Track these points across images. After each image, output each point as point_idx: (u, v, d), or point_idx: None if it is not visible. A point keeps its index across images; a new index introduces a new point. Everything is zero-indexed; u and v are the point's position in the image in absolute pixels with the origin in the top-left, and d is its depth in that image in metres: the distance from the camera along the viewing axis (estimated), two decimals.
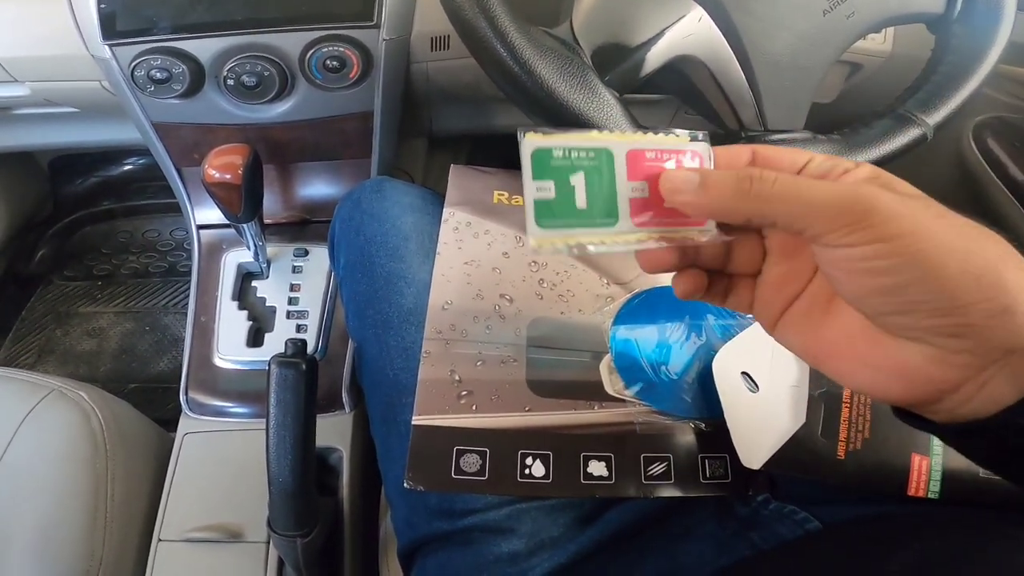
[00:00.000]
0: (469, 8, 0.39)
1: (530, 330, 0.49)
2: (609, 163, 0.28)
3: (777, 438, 0.39)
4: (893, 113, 0.48)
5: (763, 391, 0.42)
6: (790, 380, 0.41)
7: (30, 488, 0.55)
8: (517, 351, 0.47)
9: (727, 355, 0.45)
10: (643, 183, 0.28)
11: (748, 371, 0.43)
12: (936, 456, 0.40)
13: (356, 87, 0.64)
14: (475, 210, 0.55)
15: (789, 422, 0.40)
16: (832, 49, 0.45)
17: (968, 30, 0.48)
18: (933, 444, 0.40)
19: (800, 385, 0.41)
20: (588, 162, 0.28)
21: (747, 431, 0.41)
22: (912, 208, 0.23)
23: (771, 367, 0.42)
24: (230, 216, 0.63)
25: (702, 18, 0.42)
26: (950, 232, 0.22)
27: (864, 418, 0.41)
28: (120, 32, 0.58)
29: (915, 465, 0.39)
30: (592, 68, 0.41)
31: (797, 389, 0.41)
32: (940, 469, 0.39)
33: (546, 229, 0.27)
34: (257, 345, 0.71)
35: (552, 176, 0.27)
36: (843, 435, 0.40)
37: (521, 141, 0.27)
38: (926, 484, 0.39)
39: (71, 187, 1.22)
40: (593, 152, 0.28)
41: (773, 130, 0.45)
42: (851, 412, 0.41)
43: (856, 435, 0.40)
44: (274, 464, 0.48)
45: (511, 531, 0.44)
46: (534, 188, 0.27)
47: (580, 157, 0.28)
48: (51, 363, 1.09)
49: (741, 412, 0.42)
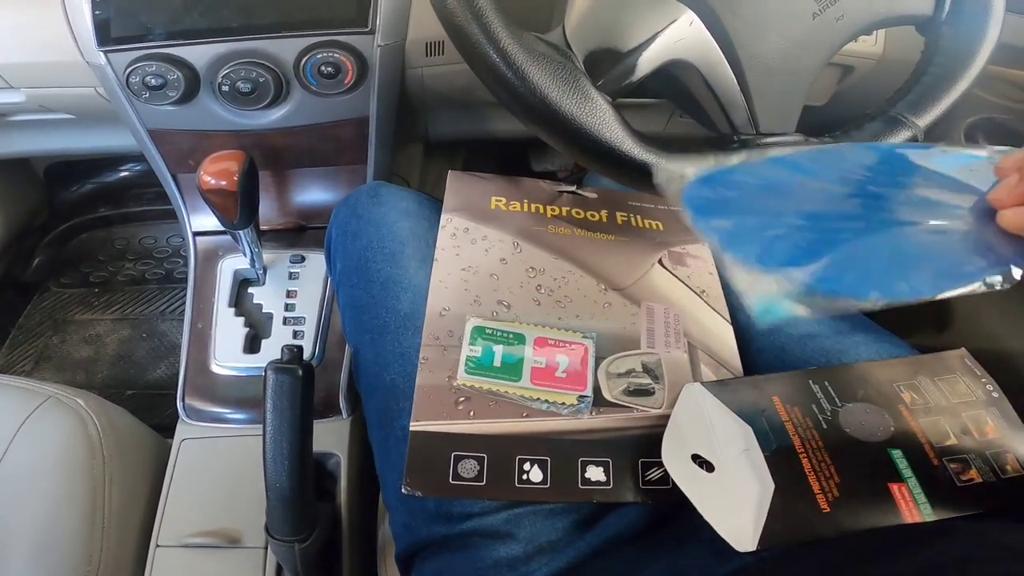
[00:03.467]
0: (461, 14, 0.39)
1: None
2: (521, 342, 0.47)
3: (756, 510, 0.38)
4: (883, 115, 0.48)
5: (719, 467, 0.40)
6: (739, 446, 0.40)
7: (27, 495, 0.55)
8: None
9: (670, 447, 0.43)
10: (543, 357, 0.47)
11: (697, 452, 0.41)
12: (910, 479, 0.39)
13: (351, 93, 0.65)
14: (472, 216, 0.55)
15: (759, 489, 0.38)
16: (822, 52, 0.46)
17: (957, 31, 0.48)
18: (900, 468, 0.39)
19: (751, 448, 0.40)
20: (507, 340, 0.47)
21: (723, 514, 0.39)
22: None
23: (716, 440, 0.41)
24: (226, 223, 0.63)
25: (693, 22, 0.42)
26: None
27: (826, 463, 0.40)
28: (115, 39, 0.58)
29: (896, 494, 0.39)
30: (585, 73, 0.41)
31: (749, 453, 0.40)
32: (921, 490, 0.39)
33: (470, 375, 0.45)
34: (254, 352, 0.71)
35: (481, 344, 0.47)
36: (816, 487, 0.39)
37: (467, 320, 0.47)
38: (916, 508, 0.38)
39: (67, 194, 1.22)
40: (512, 334, 0.48)
41: (765, 133, 0.45)
42: (811, 461, 0.40)
43: (828, 483, 0.39)
44: (271, 470, 0.48)
45: (510, 536, 0.44)
46: (468, 349, 0.47)
47: (502, 336, 0.47)
48: (48, 370, 1.09)
49: (708, 497, 0.40)
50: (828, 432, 0.42)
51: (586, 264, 0.54)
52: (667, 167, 0.41)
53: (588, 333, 0.49)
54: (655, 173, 0.42)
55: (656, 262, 0.55)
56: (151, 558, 0.62)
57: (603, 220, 0.58)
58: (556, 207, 0.58)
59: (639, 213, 0.59)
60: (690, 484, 0.41)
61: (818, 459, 0.40)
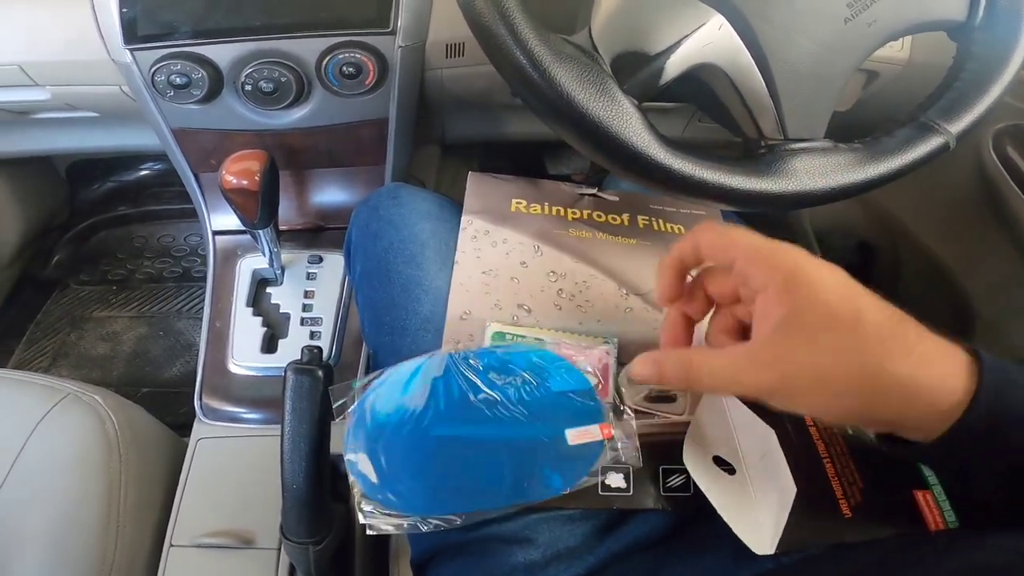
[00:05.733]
0: (489, 15, 0.39)
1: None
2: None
3: (776, 513, 0.38)
4: (915, 122, 0.47)
5: (740, 470, 0.40)
6: (762, 449, 0.40)
7: (44, 491, 0.55)
8: None
9: (692, 449, 0.43)
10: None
11: (719, 455, 0.41)
12: (935, 486, 0.38)
13: (372, 94, 0.65)
14: (493, 218, 0.55)
15: (781, 493, 0.38)
16: (853, 57, 0.45)
17: (990, 37, 0.47)
18: (926, 475, 0.39)
19: (773, 451, 0.40)
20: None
21: (743, 516, 0.39)
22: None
23: (738, 444, 0.41)
24: (246, 222, 0.63)
25: (722, 26, 0.41)
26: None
27: (849, 468, 0.39)
28: (141, 37, 0.59)
29: (921, 501, 0.38)
30: (611, 76, 0.41)
31: (772, 456, 0.40)
32: (946, 498, 0.38)
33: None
34: (271, 351, 0.71)
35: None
36: (839, 492, 0.39)
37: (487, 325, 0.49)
38: (941, 515, 0.38)
39: (88, 192, 1.24)
40: (532, 340, 0.48)
41: (793, 139, 0.45)
42: (835, 466, 0.39)
43: (851, 488, 0.39)
44: (288, 471, 0.48)
45: (528, 541, 0.43)
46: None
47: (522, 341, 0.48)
48: (65, 367, 1.10)
49: (729, 500, 0.39)
50: (853, 438, 0.41)
51: (607, 268, 0.53)
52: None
53: (609, 338, 0.49)
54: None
55: None
56: (165, 557, 0.62)
57: (624, 223, 0.57)
58: (577, 210, 0.58)
59: (661, 217, 0.59)
60: (711, 486, 0.40)
61: (842, 464, 0.40)
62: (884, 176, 0.46)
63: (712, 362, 0.34)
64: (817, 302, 0.31)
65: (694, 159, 0.42)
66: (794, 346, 0.31)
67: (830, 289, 0.31)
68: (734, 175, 0.42)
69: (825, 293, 0.31)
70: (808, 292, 0.31)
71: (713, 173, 0.42)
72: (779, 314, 0.32)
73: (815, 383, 0.31)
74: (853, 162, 0.45)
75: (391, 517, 0.41)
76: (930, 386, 0.30)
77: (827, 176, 0.44)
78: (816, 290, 0.31)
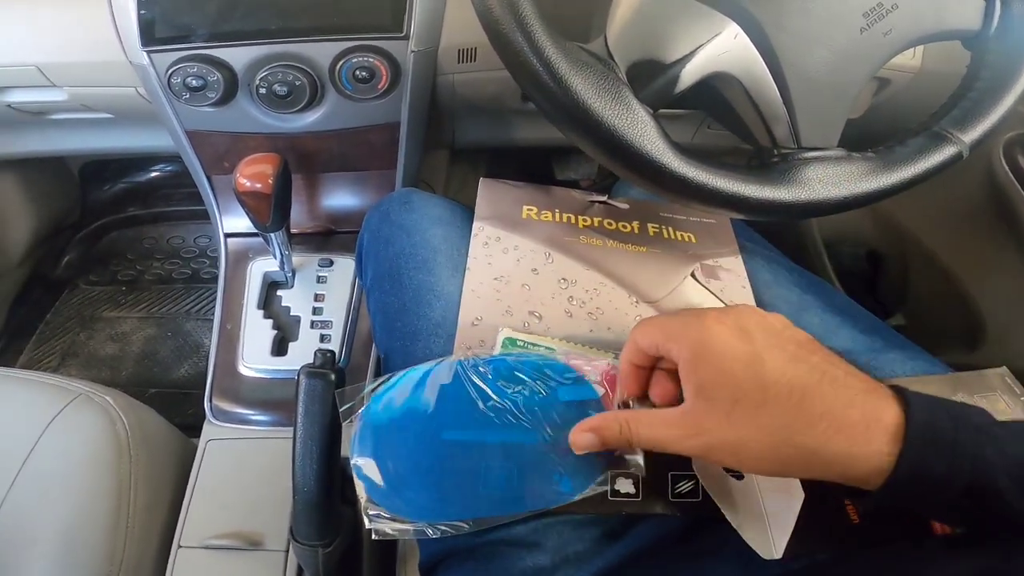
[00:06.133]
0: (506, 22, 0.39)
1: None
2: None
3: (784, 519, 0.37)
4: (928, 131, 0.47)
5: (748, 476, 0.40)
6: None
7: (54, 491, 0.55)
8: None
9: None
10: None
11: None
12: None
13: (384, 98, 0.65)
14: (504, 225, 0.55)
15: (788, 498, 0.38)
16: (868, 66, 0.45)
17: (1004, 47, 0.47)
18: None
19: None
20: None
21: (751, 522, 0.39)
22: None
23: None
24: (259, 225, 0.64)
25: (737, 35, 0.41)
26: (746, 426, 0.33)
27: None
28: (158, 39, 0.59)
29: None
30: (627, 84, 0.41)
31: None
32: None
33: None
34: (281, 354, 0.72)
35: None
36: (846, 498, 0.39)
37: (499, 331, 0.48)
38: None
39: (99, 193, 1.25)
40: (543, 348, 0.48)
41: (807, 147, 0.45)
42: None
43: (859, 494, 0.39)
44: (299, 474, 0.48)
45: (537, 545, 0.43)
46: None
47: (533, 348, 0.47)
48: (74, 367, 1.10)
49: (737, 505, 0.40)
50: None
51: (618, 276, 0.53)
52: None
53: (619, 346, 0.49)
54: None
55: (688, 275, 0.55)
56: (173, 558, 0.62)
57: (635, 231, 0.58)
58: (588, 217, 0.58)
59: (671, 225, 0.59)
60: (720, 492, 0.41)
61: None
62: (897, 185, 0.46)
63: (646, 428, 0.37)
64: (724, 374, 0.33)
65: (708, 168, 0.42)
66: (711, 417, 0.34)
67: (736, 359, 0.33)
68: (748, 184, 0.43)
69: (730, 363, 0.33)
70: (716, 363, 0.34)
71: (727, 182, 0.42)
72: (694, 383, 0.34)
73: (735, 451, 0.33)
74: (866, 171, 0.45)
75: (398, 522, 0.41)
76: (840, 454, 0.31)
77: (840, 185, 0.44)
78: (722, 361, 0.33)
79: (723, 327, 0.35)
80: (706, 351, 0.34)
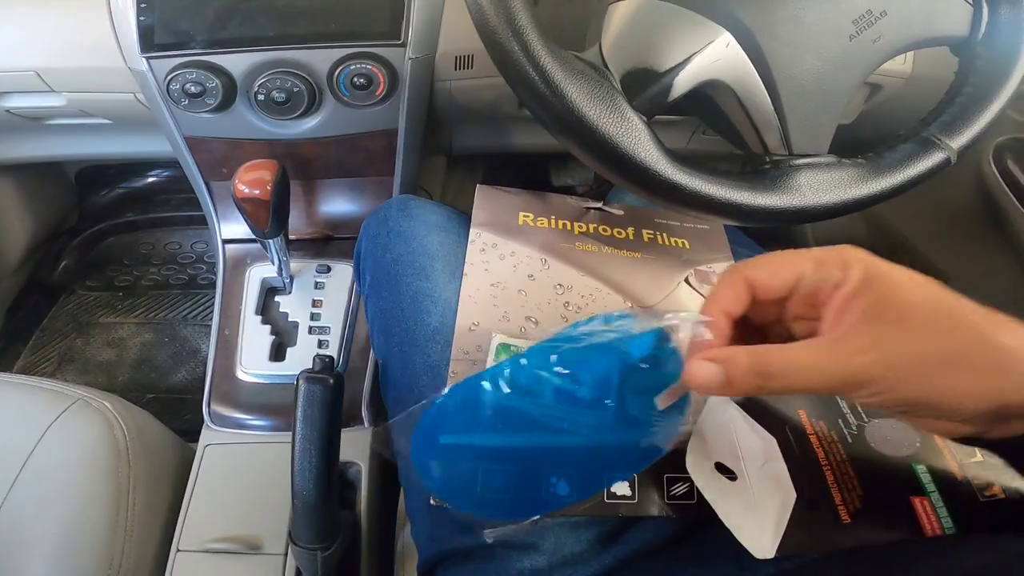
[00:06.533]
0: (502, 31, 0.39)
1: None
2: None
3: (777, 519, 0.38)
4: (916, 137, 0.48)
5: (742, 477, 0.41)
6: (763, 456, 0.41)
7: (52, 495, 0.55)
8: None
9: (695, 453, 0.43)
10: None
11: (720, 460, 0.42)
12: (933, 493, 0.39)
13: (382, 104, 0.65)
14: (500, 231, 0.56)
15: (781, 499, 0.39)
16: (858, 73, 0.46)
17: (992, 52, 0.48)
18: (924, 482, 0.39)
19: (774, 459, 0.40)
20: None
21: (744, 522, 0.39)
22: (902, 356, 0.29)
23: (740, 451, 0.42)
24: (257, 231, 0.64)
25: (729, 44, 0.42)
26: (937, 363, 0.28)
27: (849, 475, 0.40)
28: (158, 45, 0.60)
29: (918, 507, 0.39)
30: (621, 92, 0.41)
31: (772, 464, 0.40)
32: (943, 504, 0.39)
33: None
34: (279, 359, 0.72)
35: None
36: (838, 499, 0.39)
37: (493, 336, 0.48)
38: (938, 521, 0.38)
39: (96, 198, 1.25)
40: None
41: (798, 154, 0.45)
42: (835, 474, 0.40)
43: (851, 495, 0.39)
44: (298, 478, 0.48)
45: (534, 547, 0.44)
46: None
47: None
48: (70, 372, 1.11)
49: (730, 505, 0.40)
50: (853, 446, 0.42)
51: (613, 282, 0.54)
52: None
53: None
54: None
55: (683, 280, 0.55)
56: (172, 562, 0.62)
57: (629, 237, 0.58)
58: (583, 224, 0.58)
59: (665, 231, 0.60)
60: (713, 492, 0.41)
61: (841, 471, 0.40)
62: (887, 191, 0.46)
63: (792, 355, 0.30)
64: (897, 289, 0.30)
65: (701, 175, 0.42)
66: (887, 329, 0.29)
67: (906, 279, 0.30)
68: (740, 191, 0.43)
69: (902, 282, 0.30)
70: (888, 282, 0.30)
71: (720, 189, 0.43)
72: (864, 303, 0.30)
73: (920, 365, 0.29)
74: (857, 178, 0.46)
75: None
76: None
77: (831, 192, 0.45)
78: (894, 281, 0.30)
79: (879, 258, 0.32)
80: (876, 272, 0.30)
